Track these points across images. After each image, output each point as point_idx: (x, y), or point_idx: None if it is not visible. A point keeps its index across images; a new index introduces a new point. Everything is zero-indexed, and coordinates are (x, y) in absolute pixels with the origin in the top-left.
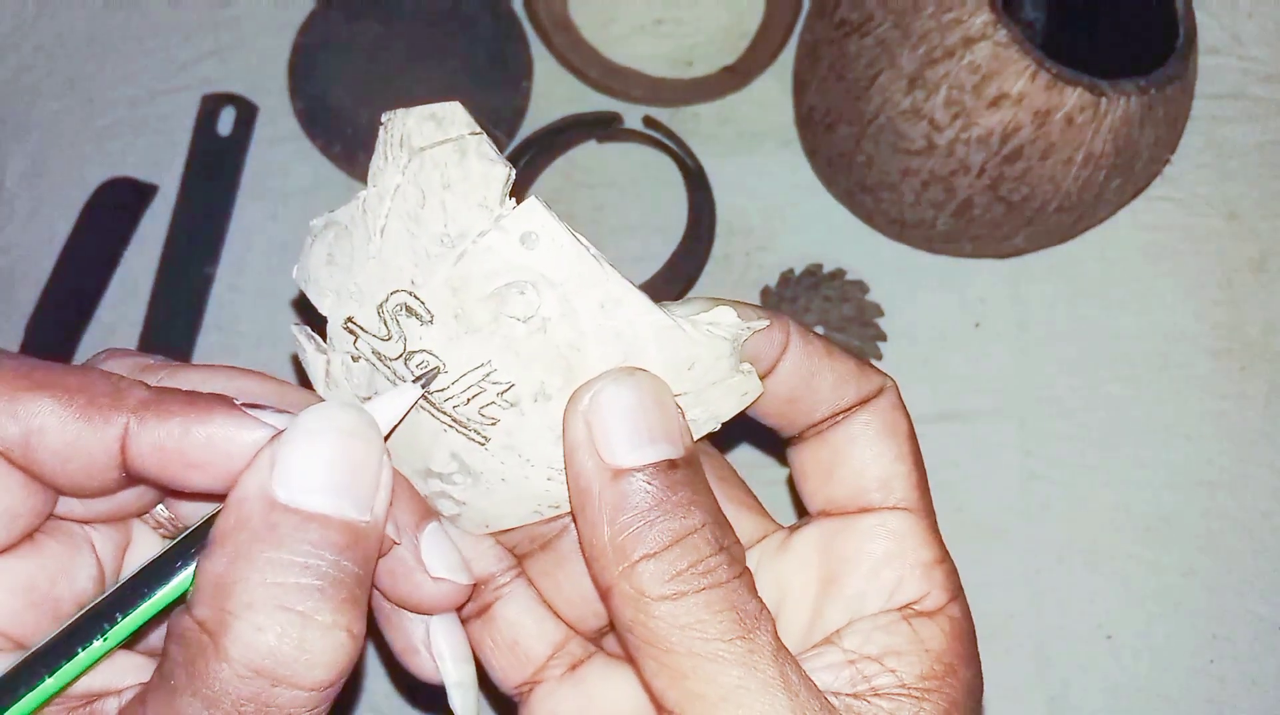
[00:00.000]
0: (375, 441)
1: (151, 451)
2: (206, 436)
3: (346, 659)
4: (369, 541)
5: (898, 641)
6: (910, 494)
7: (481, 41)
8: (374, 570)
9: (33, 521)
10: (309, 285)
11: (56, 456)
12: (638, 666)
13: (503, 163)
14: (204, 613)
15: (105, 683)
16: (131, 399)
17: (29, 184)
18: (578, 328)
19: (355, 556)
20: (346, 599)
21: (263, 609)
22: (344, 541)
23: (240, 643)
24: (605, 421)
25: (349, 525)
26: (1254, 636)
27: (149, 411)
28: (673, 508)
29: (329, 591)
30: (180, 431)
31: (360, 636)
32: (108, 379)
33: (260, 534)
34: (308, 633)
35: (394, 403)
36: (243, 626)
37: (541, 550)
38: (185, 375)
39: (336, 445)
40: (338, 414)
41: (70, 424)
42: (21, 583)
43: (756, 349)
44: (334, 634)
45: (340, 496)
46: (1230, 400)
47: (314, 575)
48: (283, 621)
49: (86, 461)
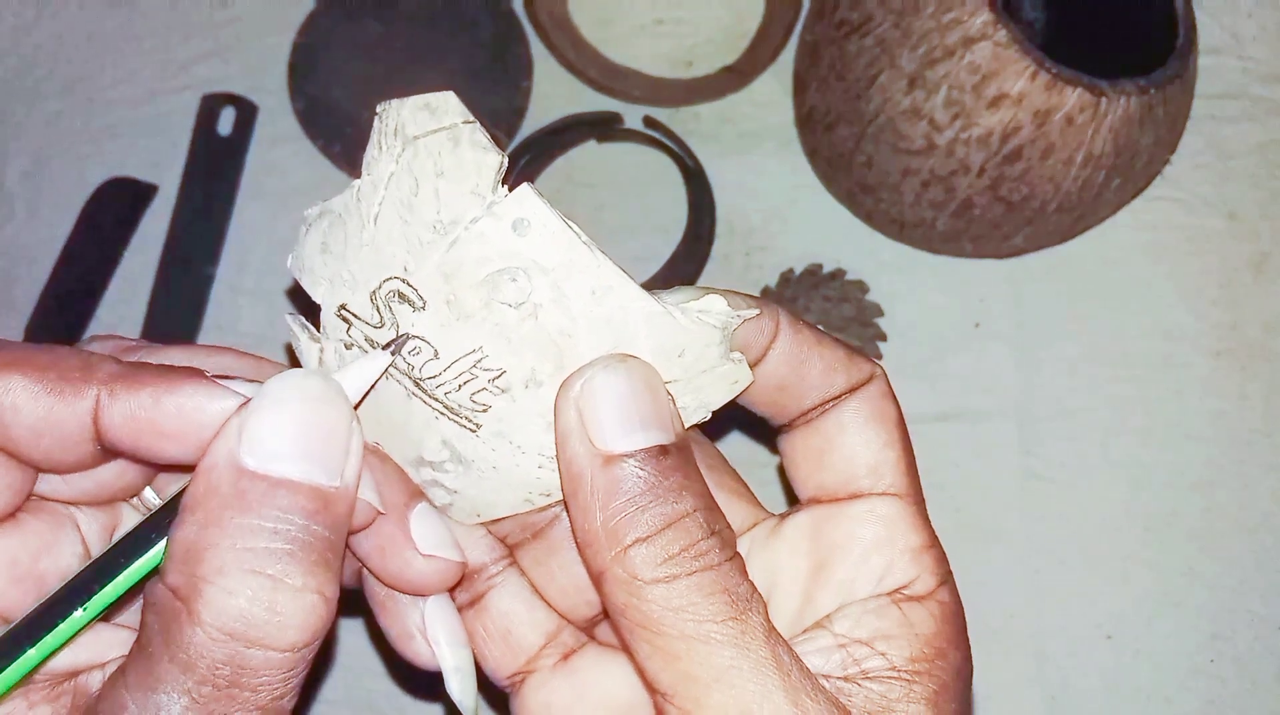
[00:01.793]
0: (343, 407)
1: (123, 423)
2: (177, 406)
3: (319, 621)
4: (339, 506)
5: (887, 625)
6: (900, 480)
7: (481, 41)
8: (345, 536)
9: (12, 500)
10: (303, 273)
11: (30, 432)
12: (631, 651)
13: (495, 150)
14: (176, 579)
15: (90, 657)
16: (102, 372)
17: (29, 184)
18: (569, 314)
19: (325, 521)
20: (317, 561)
21: (233, 573)
22: (313, 506)
23: (212, 607)
24: (597, 408)
25: (317, 490)
26: (1254, 636)
27: (120, 384)
28: (664, 493)
29: (299, 555)
30: (151, 402)
31: (333, 600)
32: (78, 354)
33: (229, 500)
34: (278, 595)
35: (363, 370)
36: (214, 591)
37: (533, 539)
38: (163, 352)
39: (303, 411)
40: (303, 381)
41: (42, 399)
42: (3, 559)
43: (746, 337)
44: (305, 596)
45: (308, 462)
46: (1230, 400)
47: (283, 539)
48: (253, 585)
49: (60, 436)
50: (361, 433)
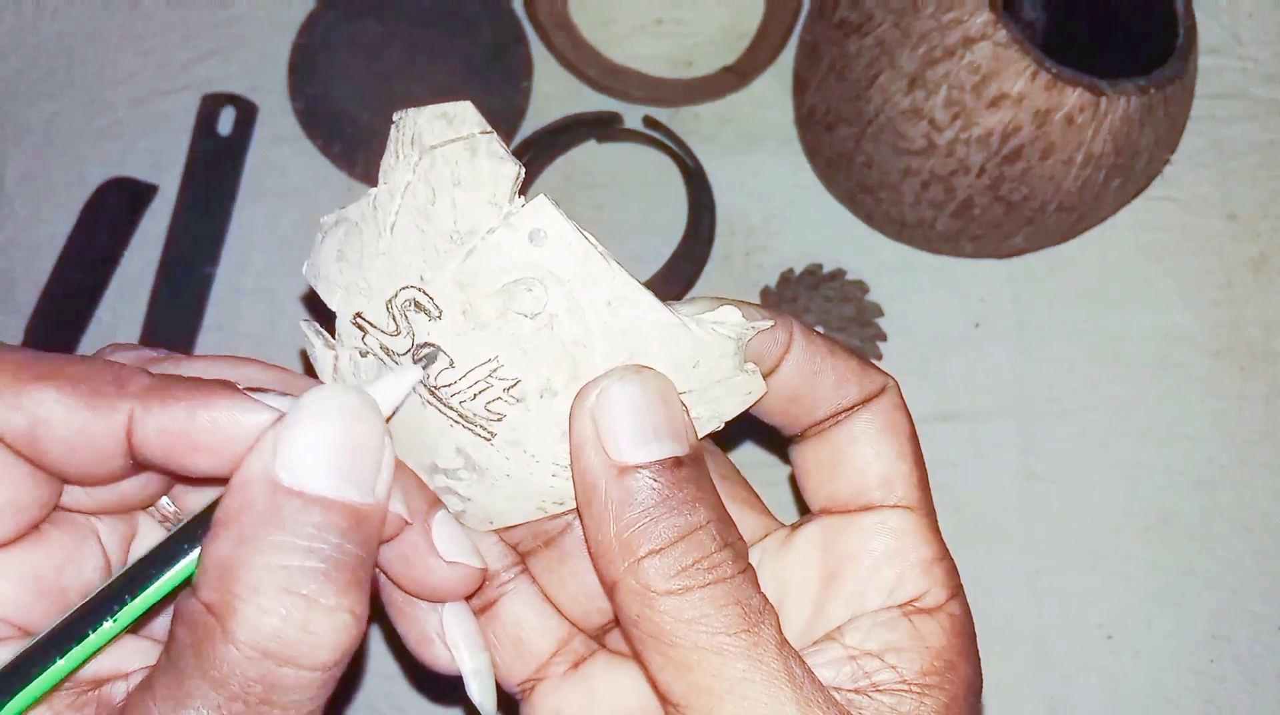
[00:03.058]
0: (377, 423)
1: (157, 437)
2: (211, 420)
3: (350, 640)
4: (371, 523)
5: (898, 638)
6: (911, 492)
7: (481, 41)
8: (376, 552)
9: (39, 513)
10: (319, 281)
11: (63, 446)
12: (643, 661)
13: (512, 161)
14: (210, 595)
15: (113, 666)
16: (135, 386)
17: (29, 184)
18: (584, 325)
19: (358, 539)
20: (350, 581)
21: (268, 592)
22: (347, 524)
23: (246, 625)
24: (612, 418)
25: (351, 508)
26: (1254, 636)
27: (153, 397)
28: (678, 504)
29: (332, 574)
30: (185, 416)
31: (363, 618)
32: (111, 367)
33: (264, 517)
34: (312, 615)
35: (396, 384)
36: (248, 609)
37: (545, 547)
38: (188, 364)
39: (338, 427)
40: (339, 396)
41: (76, 413)
42: (29, 573)
43: (760, 348)
44: (338, 616)
45: (343, 479)
46: (1230, 400)
47: (318, 558)
48: (288, 604)
49: (93, 449)
50: (393, 447)
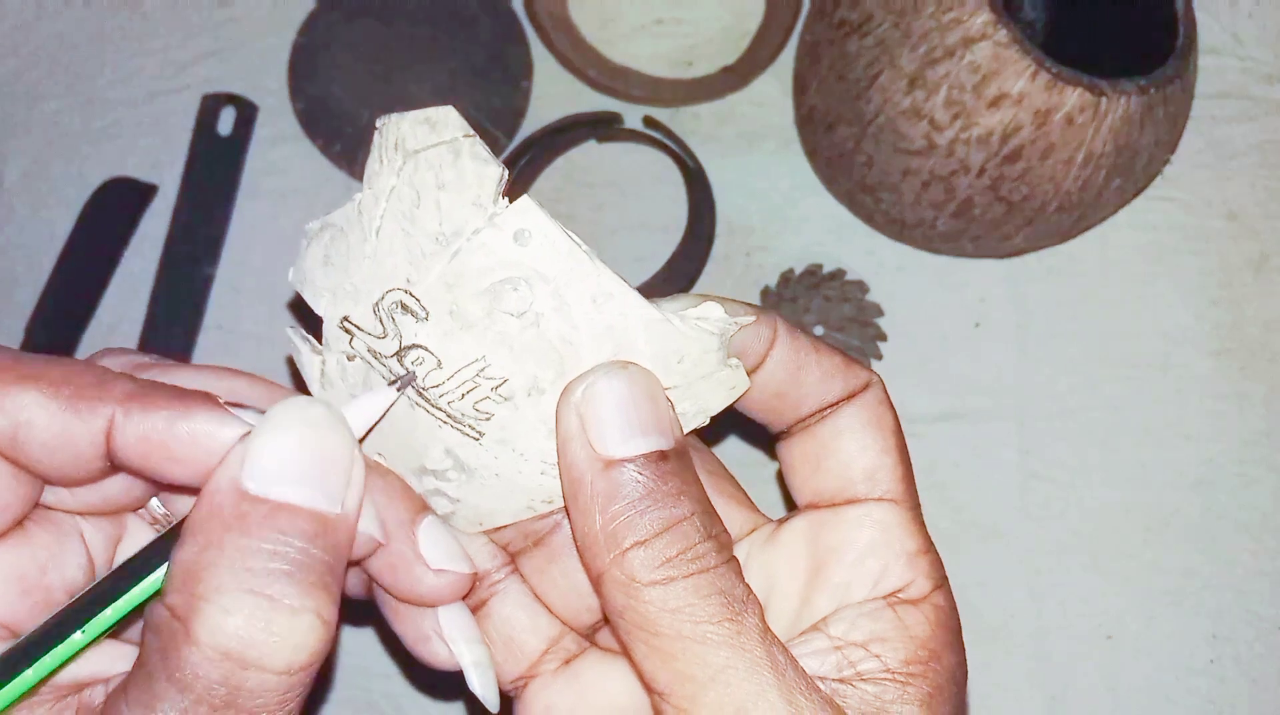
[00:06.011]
0: (344, 436)
1: (136, 443)
2: (189, 431)
3: (316, 642)
4: (339, 532)
5: (883, 628)
6: (896, 486)
7: (481, 41)
8: (345, 561)
9: (20, 510)
10: (305, 287)
11: (43, 447)
12: (629, 651)
13: (496, 163)
14: (175, 599)
15: (93, 671)
16: (117, 391)
17: (29, 184)
18: (570, 322)
19: (324, 545)
20: (315, 583)
21: (230, 592)
22: (312, 530)
23: (208, 626)
24: (598, 413)
25: (317, 515)
26: (1254, 636)
27: (134, 404)
28: (663, 497)
29: (297, 576)
30: (164, 425)
31: (331, 623)
32: (94, 371)
33: (229, 523)
34: (275, 615)
35: (369, 404)
36: (211, 610)
37: (534, 547)
38: (176, 373)
39: (305, 436)
40: (305, 408)
41: (57, 416)
42: (11, 571)
43: (744, 343)
44: (302, 617)
45: (309, 486)
46: (1230, 400)
47: (282, 561)
48: (250, 605)
49: (73, 452)
50: (364, 464)
